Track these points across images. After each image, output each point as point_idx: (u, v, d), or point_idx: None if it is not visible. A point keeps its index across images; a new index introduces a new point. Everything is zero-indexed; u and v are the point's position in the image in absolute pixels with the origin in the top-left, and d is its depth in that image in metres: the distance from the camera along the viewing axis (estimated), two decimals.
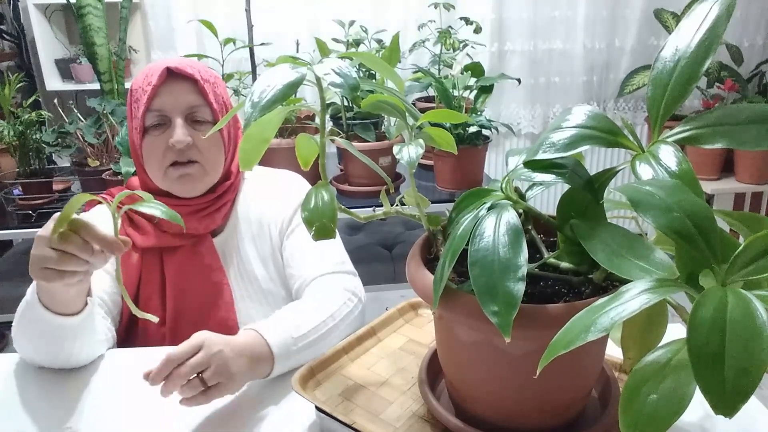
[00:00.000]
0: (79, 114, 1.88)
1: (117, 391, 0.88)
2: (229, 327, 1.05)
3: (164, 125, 1.01)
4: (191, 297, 1.05)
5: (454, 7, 2.35)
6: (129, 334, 1.06)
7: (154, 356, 0.74)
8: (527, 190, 0.66)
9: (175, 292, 1.04)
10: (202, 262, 1.06)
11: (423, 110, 0.71)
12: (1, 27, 2.71)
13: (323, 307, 0.94)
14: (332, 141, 0.74)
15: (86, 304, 0.86)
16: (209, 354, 0.76)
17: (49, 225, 0.75)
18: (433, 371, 0.77)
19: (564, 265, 0.61)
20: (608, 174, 0.60)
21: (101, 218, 1.06)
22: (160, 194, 1.05)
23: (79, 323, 0.85)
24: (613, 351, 0.70)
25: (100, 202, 1.09)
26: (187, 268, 1.06)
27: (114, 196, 1.08)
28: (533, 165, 0.60)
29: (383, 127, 1.91)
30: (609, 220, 0.58)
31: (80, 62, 2.66)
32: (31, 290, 0.85)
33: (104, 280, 1.01)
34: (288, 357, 0.85)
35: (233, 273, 1.09)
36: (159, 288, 1.05)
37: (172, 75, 1.00)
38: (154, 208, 0.73)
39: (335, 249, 1.08)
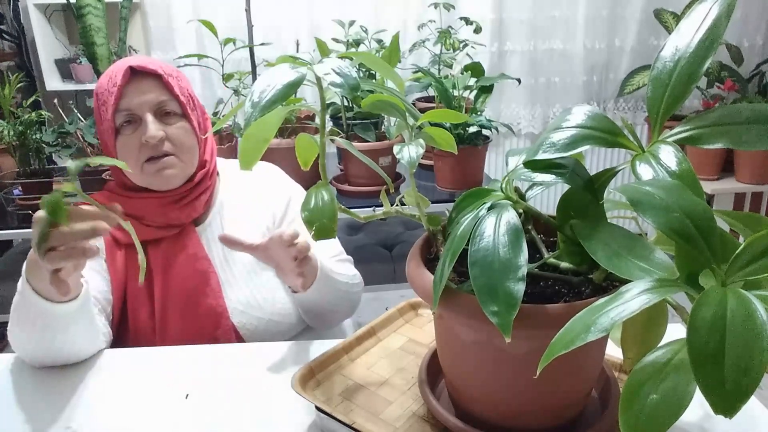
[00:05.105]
0: (79, 114, 1.88)
1: (117, 391, 0.88)
2: (218, 313, 1.06)
3: (135, 123, 1.03)
4: (178, 287, 1.07)
5: (454, 7, 2.35)
6: (120, 331, 1.07)
7: (155, 356, 0.74)
8: (527, 190, 0.66)
9: (162, 284, 1.06)
10: (187, 251, 1.08)
11: (423, 110, 0.71)
12: (1, 27, 2.71)
13: (343, 270, 1.10)
14: (332, 141, 0.74)
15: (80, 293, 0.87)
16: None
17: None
18: (433, 371, 0.77)
19: (564, 265, 0.61)
20: (608, 174, 0.60)
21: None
22: (138, 189, 1.07)
23: (75, 310, 0.86)
24: (613, 351, 0.70)
25: (89, 204, 1.09)
26: (172, 259, 1.07)
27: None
28: (533, 165, 0.60)
29: (383, 127, 1.91)
30: (609, 220, 0.58)
31: (80, 62, 2.66)
32: (22, 281, 0.85)
33: (95, 279, 1.02)
34: (318, 281, 1.00)
35: (218, 259, 1.11)
36: (146, 281, 1.06)
37: (135, 73, 1.02)
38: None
39: (332, 243, 1.17)
